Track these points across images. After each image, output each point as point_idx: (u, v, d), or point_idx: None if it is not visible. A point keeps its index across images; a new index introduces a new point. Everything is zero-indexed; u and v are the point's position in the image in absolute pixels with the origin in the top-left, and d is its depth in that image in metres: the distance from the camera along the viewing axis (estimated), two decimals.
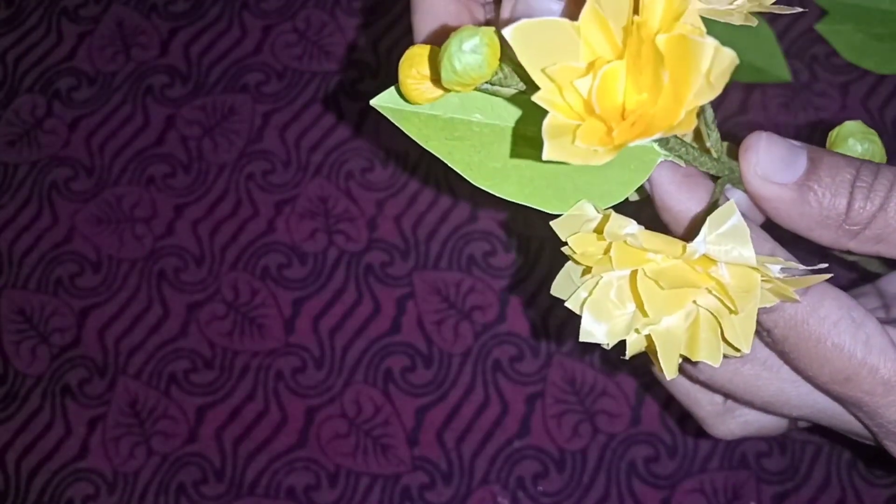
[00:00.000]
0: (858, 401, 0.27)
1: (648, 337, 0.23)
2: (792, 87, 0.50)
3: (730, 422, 0.31)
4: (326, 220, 0.50)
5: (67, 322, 0.49)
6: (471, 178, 0.24)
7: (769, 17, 0.51)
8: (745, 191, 0.26)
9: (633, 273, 0.22)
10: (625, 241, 0.22)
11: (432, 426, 0.46)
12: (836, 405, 0.29)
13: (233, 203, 0.50)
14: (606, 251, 0.22)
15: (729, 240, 0.21)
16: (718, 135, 0.26)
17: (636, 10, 0.19)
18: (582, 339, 0.23)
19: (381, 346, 0.47)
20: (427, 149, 0.24)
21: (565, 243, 0.23)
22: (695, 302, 0.22)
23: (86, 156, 0.52)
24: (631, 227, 0.22)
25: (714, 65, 0.19)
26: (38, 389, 0.48)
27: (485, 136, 0.25)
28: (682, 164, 0.25)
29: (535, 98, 0.20)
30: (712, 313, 0.22)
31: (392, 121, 0.24)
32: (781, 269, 0.22)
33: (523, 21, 0.19)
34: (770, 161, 0.26)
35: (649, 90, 0.19)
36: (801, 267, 0.23)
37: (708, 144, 0.25)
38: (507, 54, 0.21)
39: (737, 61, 0.19)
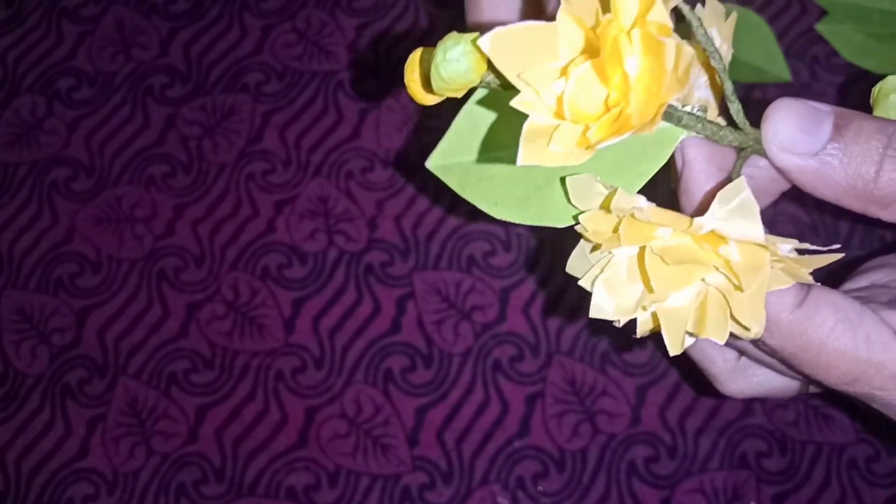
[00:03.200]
0: (871, 397, 0.27)
1: (655, 315, 0.23)
2: (792, 87, 0.50)
3: (741, 381, 0.31)
4: (326, 220, 0.50)
5: (67, 322, 0.49)
6: (495, 213, 0.25)
7: (769, 17, 0.51)
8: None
9: (641, 249, 0.22)
10: (632, 216, 0.21)
11: (432, 426, 0.46)
12: None
13: (233, 203, 0.50)
14: (616, 229, 0.22)
15: (737, 216, 0.21)
16: (740, 106, 0.25)
17: (605, 10, 0.19)
18: (592, 314, 0.23)
19: (381, 346, 0.47)
20: (463, 196, 0.25)
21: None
22: (703, 280, 0.22)
23: (86, 156, 0.52)
24: (639, 201, 0.22)
25: (679, 61, 0.19)
26: (38, 389, 0.48)
27: (512, 168, 0.25)
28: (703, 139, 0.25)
29: (513, 103, 0.20)
30: (721, 291, 0.22)
31: (441, 179, 0.25)
32: (793, 249, 0.22)
33: (498, 29, 0.19)
34: (790, 131, 0.25)
35: (620, 89, 0.19)
36: (813, 247, 0.22)
37: (732, 115, 0.25)
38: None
39: (693, 54, 0.20)
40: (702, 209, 0.24)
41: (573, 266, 0.24)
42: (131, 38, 0.55)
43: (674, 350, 0.23)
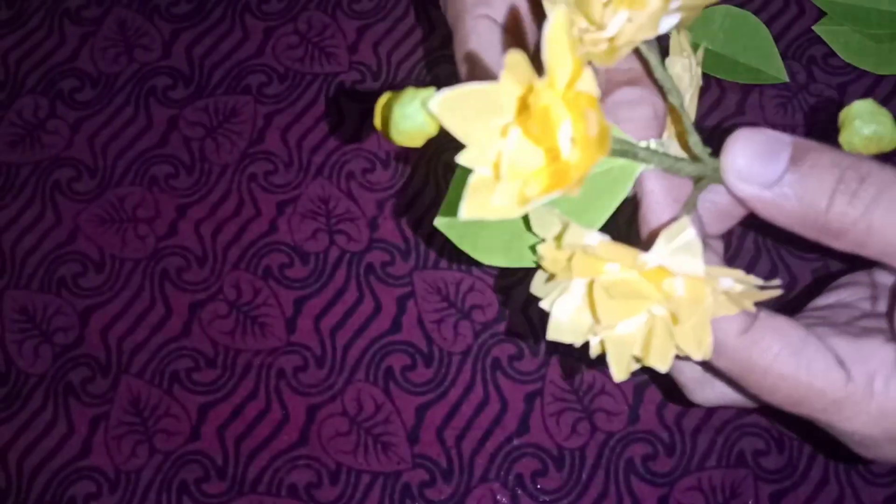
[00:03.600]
0: (815, 419, 0.28)
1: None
2: (789, 88, 0.50)
3: (707, 390, 0.31)
4: (328, 221, 0.50)
5: (70, 321, 0.49)
6: (487, 260, 0.27)
7: (767, 18, 0.52)
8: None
9: (591, 282, 0.23)
10: (583, 250, 0.23)
11: (432, 424, 0.46)
12: None
13: (235, 203, 0.51)
14: (570, 259, 0.23)
15: (681, 252, 0.22)
16: (698, 137, 0.26)
17: (541, 74, 0.21)
18: (549, 337, 0.24)
19: (382, 345, 0.47)
20: (462, 248, 0.27)
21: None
22: (650, 310, 0.23)
23: (89, 156, 0.52)
24: (589, 237, 0.23)
25: (601, 129, 0.21)
26: (40, 388, 0.48)
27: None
28: (662, 172, 0.26)
29: (458, 159, 0.21)
30: (666, 321, 0.23)
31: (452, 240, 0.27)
32: (736, 281, 0.23)
33: (445, 92, 0.21)
34: (747, 161, 0.26)
35: (551, 152, 0.21)
36: (757, 281, 0.23)
37: (690, 146, 0.26)
38: None
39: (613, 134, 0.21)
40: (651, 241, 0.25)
41: (536, 287, 0.25)
42: (134, 40, 0.55)
43: (618, 377, 0.24)
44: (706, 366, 0.30)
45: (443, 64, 0.53)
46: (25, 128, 0.53)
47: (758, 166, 0.26)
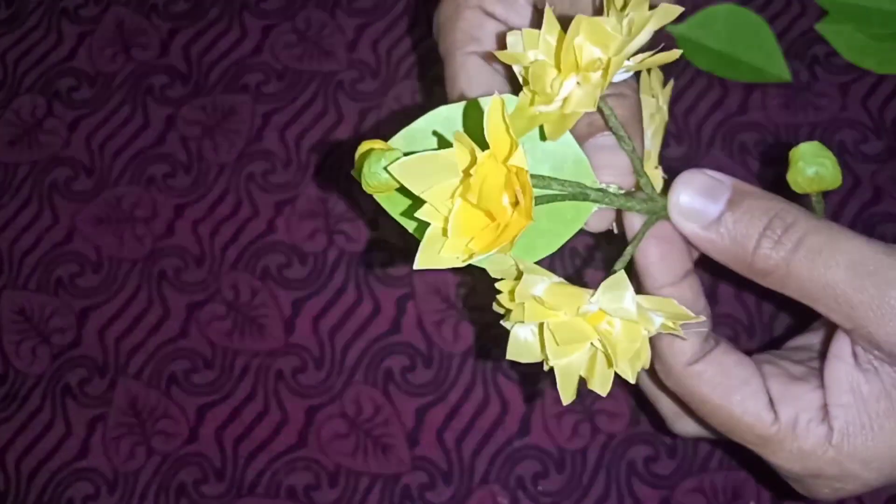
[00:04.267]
0: (748, 448, 0.31)
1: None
2: (792, 88, 0.50)
3: (686, 424, 0.34)
4: (326, 221, 0.50)
5: (68, 322, 0.49)
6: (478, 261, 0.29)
7: (769, 17, 0.51)
8: None
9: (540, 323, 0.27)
10: (532, 299, 0.26)
11: (432, 426, 0.46)
12: None
13: (233, 203, 0.50)
14: (521, 304, 0.27)
15: (617, 301, 0.26)
16: (647, 178, 0.29)
17: (484, 147, 0.24)
18: (508, 357, 0.28)
19: (381, 346, 0.47)
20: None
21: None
22: (592, 344, 0.27)
23: (86, 156, 0.52)
24: (538, 287, 0.26)
25: (527, 200, 0.24)
26: (38, 389, 0.48)
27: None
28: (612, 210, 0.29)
29: (418, 215, 0.25)
30: (605, 354, 0.27)
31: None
32: (666, 315, 0.27)
33: (404, 160, 0.25)
34: (689, 200, 0.29)
35: (495, 211, 0.25)
36: (687, 313, 0.26)
37: (641, 186, 0.29)
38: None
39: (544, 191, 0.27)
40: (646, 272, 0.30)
41: (497, 307, 0.29)
42: (131, 39, 0.55)
43: (565, 400, 0.27)
44: (656, 381, 0.33)
45: (441, 62, 0.52)
46: (23, 127, 0.53)
47: (699, 206, 0.28)
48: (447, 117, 0.28)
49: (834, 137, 0.49)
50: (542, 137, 0.28)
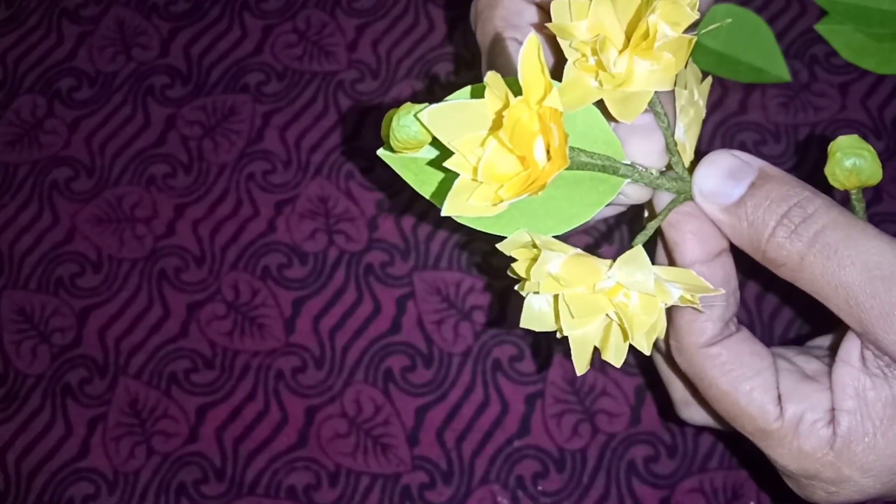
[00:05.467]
0: (748, 437, 0.31)
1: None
2: (791, 88, 0.50)
3: (694, 411, 0.34)
4: (327, 220, 0.50)
5: (68, 322, 0.49)
6: (483, 227, 0.29)
7: (769, 17, 0.51)
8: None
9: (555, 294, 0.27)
10: (549, 276, 0.26)
11: (432, 426, 0.46)
12: None
13: (233, 203, 0.50)
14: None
15: (635, 274, 0.26)
16: (679, 157, 0.29)
17: (517, 92, 0.24)
18: (522, 325, 0.28)
19: (382, 346, 0.47)
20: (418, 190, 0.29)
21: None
22: (608, 315, 0.27)
23: (86, 156, 0.52)
24: (553, 264, 0.26)
25: (562, 140, 0.24)
26: (38, 389, 0.48)
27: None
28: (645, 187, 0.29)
29: (447, 164, 0.25)
30: (621, 325, 0.26)
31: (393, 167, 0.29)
32: (685, 287, 0.26)
33: (434, 106, 0.25)
34: (712, 181, 0.28)
35: (526, 156, 0.24)
36: (705, 284, 0.26)
37: (672, 164, 0.29)
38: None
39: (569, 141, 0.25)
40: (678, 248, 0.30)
41: (512, 272, 0.28)
42: (132, 39, 0.55)
43: (579, 370, 0.27)
44: (666, 359, 0.33)
45: (442, 62, 0.52)
46: (23, 127, 0.53)
47: (722, 187, 0.28)
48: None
49: (834, 137, 0.49)
50: (581, 119, 0.28)
